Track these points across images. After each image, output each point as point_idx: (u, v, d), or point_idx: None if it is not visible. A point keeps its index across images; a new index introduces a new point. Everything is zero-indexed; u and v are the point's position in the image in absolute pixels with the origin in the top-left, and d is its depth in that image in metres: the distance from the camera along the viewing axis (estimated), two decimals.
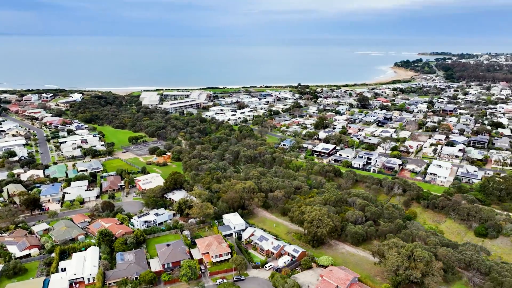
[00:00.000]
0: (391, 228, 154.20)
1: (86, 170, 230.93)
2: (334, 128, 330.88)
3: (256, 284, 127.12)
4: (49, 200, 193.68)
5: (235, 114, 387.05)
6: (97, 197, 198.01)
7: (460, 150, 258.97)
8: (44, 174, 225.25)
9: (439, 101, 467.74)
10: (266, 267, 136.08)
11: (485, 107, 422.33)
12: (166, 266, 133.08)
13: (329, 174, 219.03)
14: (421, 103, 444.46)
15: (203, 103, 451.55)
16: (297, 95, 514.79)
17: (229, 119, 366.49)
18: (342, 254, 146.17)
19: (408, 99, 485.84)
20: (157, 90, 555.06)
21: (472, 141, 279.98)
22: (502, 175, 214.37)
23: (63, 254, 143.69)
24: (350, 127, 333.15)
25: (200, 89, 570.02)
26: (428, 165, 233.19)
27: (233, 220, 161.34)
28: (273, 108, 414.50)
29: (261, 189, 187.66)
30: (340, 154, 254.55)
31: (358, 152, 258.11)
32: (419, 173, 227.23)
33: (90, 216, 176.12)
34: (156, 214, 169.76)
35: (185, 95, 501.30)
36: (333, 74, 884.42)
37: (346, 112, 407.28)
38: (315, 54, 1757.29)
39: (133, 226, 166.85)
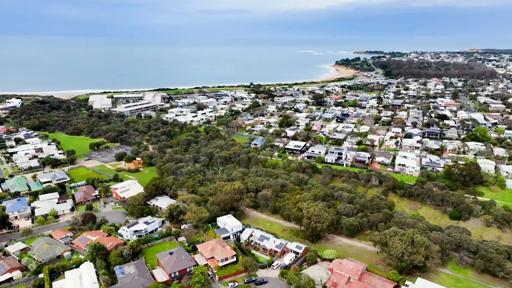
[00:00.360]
0: (380, 218, 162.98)
1: (51, 182, 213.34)
2: (298, 126, 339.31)
3: (268, 284, 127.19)
4: (16, 217, 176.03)
5: (196, 115, 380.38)
6: (72, 209, 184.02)
7: (418, 141, 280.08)
8: (1, 189, 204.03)
9: (385, 96, 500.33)
10: (273, 266, 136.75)
11: (427, 101, 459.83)
12: (173, 275, 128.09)
13: (307, 171, 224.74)
14: (371, 99, 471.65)
15: (159, 105, 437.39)
16: (253, 95, 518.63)
17: (191, 121, 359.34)
18: (341, 247, 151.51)
19: (358, 96, 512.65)
20: (104, 93, 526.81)
21: (426, 133, 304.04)
22: (459, 162, 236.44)
23: (53, 274, 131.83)
24: (313, 124, 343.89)
25: (151, 90, 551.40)
26: (394, 157, 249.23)
27: (229, 222, 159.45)
28: (234, 108, 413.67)
29: (248, 189, 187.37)
30: (312, 151, 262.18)
31: (329, 148, 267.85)
32: (388, 165, 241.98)
33: (70, 230, 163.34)
34: (146, 223, 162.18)
35: (138, 97, 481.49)
36: (281, 73, 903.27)
37: (304, 110, 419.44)
38: (257, 54, 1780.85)
39: (122, 237, 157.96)
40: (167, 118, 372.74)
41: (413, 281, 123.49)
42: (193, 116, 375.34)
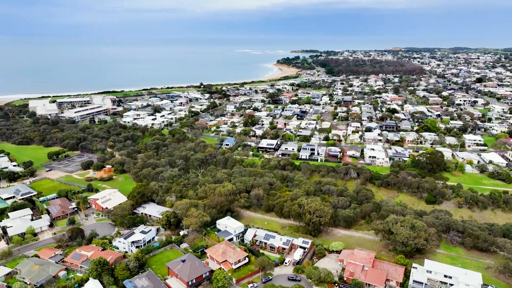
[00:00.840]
0: (372, 208, 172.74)
1: (14, 197, 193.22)
2: (262, 125, 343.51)
3: (288, 281, 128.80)
4: None
5: (155, 118, 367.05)
6: (51, 225, 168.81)
7: (379, 134, 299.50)
8: None
9: (335, 93, 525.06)
10: (285, 263, 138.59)
11: (373, 96, 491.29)
12: (190, 283, 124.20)
13: (288, 168, 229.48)
14: (323, 96, 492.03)
15: (111, 108, 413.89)
16: (207, 95, 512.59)
17: (152, 124, 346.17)
18: (341, 238, 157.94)
19: (309, 93, 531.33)
20: (43, 97, 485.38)
21: (383, 126, 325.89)
22: (420, 151, 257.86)
23: None
24: (277, 122, 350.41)
25: (96, 93, 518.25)
26: (362, 150, 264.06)
27: (230, 224, 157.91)
28: (193, 109, 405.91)
29: (239, 190, 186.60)
30: (285, 148, 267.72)
31: (301, 145, 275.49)
32: (358, 158, 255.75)
33: (57, 247, 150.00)
34: (143, 232, 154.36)
35: (85, 101, 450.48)
36: (227, 72, 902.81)
37: (263, 109, 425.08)
38: (196, 54, 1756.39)
39: (117, 249, 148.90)
40: (124, 122, 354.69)
41: (421, 263, 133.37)
42: (152, 119, 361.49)
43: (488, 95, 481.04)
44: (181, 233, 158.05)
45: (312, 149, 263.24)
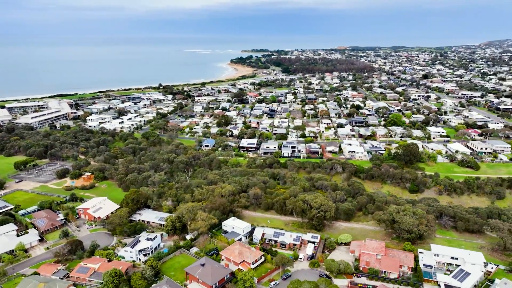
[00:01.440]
0: (367, 200, 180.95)
1: None
2: (236, 124, 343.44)
3: (308, 275, 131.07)
4: None
5: (123, 122, 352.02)
6: (41, 240, 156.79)
7: (351, 130, 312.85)
8: None
9: (297, 91, 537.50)
10: (300, 259, 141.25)
11: (334, 93, 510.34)
12: (214, 286, 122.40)
13: (275, 166, 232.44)
14: (286, 95, 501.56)
15: (71, 112, 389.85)
16: (170, 96, 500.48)
17: (121, 127, 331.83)
18: (344, 230, 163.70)
19: (271, 92, 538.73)
20: None
21: (353, 122, 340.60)
22: (392, 145, 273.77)
23: None
24: (250, 122, 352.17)
25: (47, 97, 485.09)
26: (340, 145, 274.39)
27: (237, 224, 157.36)
28: (161, 111, 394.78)
29: (237, 190, 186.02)
30: (267, 147, 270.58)
31: (281, 143, 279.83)
32: (337, 153, 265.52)
33: (56, 262, 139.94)
34: (149, 239, 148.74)
35: (39, 105, 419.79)
36: (183, 72, 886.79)
37: (231, 109, 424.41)
38: (145, 54, 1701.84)
39: (124, 259, 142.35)
40: (90, 126, 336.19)
41: (424, 248, 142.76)
42: (119, 123, 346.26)
43: (437, 90, 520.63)
44: (188, 237, 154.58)
45: (293, 147, 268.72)
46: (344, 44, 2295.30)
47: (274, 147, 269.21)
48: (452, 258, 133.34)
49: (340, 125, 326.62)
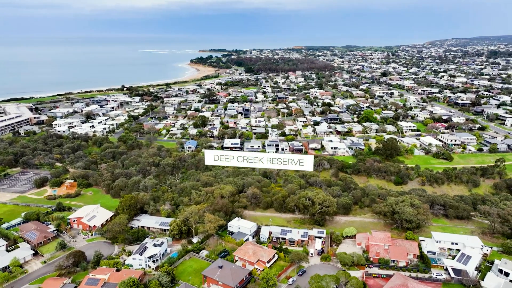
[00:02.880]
0: (361, 194, 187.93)
1: None
2: (214, 125, 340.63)
3: (322, 270, 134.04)
4: None
5: (93, 125, 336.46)
6: (35, 254, 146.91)
7: (328, 127, 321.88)
8: None
9: (266, 91, 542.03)
10: (311, 254, 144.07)
11: (303, 92, 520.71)
12: None
13: None
14: (256, 94, 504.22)
15: (34, 117, 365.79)
16: (137, 98, 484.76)
17: (94, 131, 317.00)
18: (345, 224, 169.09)
19: (240, 92, 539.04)
20: None
21: (328, 119, 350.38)
22: (370, 140, 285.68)
23: None
24: (227, 122, 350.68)
25: (0, 101, 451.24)
26: (321, 142, 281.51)
27: (243, 224, 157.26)
28: (132, 114, 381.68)
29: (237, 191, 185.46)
30: (251, 146, 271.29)
31: (264, 142, 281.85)
32: (320, 149, 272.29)
33: (59, 276, 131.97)
34: (156, 245, 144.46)
35: None
36: (143, 73, 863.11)
37: (203, 109, 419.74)
38: (98, 54, 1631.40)
39: (132, 267, 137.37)
40: (59, 131, 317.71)
41: (426, 236, 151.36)
42: (90, 127, 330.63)
43: (397, 87, 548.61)
44: (194, 240, 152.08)
45: (277, 145, 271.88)
46: (300, 43, 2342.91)
47: (258, 146, 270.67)
48: (452, 243, 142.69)
49: (317, 123, 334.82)
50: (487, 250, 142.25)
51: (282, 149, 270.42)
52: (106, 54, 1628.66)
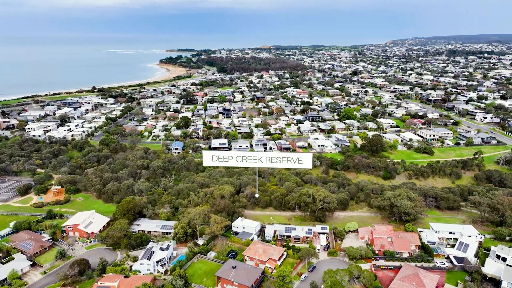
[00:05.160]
0: (356, 189, 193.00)
1: None
2: (196, 126, 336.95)
3: (331, 265, 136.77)
4: None
5: (70, 129, 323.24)
6: (33, 265, 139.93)
7: (311, 125, 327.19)
8: None
9: (242, 90, 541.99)
10: (318, 250, 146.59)
11: (279, 91, 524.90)
12: (251, 287, 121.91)
13: None
14: (234, 94, 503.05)
15: (3, 122, 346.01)
16: (111, 100, 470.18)
17: (72, 135, 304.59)
18: (344, 219, 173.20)
19: (217, 92, 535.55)
20: None
21: (310, 118, 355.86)
22: (354, 137, 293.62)
23: None
24: (210, 122, 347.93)
25: None
26: (308, 141, 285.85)
27: (248, 224, 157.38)
28: (110, 116, 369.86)
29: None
30: (239, 146, 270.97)
31: (251, 141, 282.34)
32: (307, 147, 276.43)
33: (63, 286, 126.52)
34: (162, 249, 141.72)
35: None
36: (113, 74, 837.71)
37: (182, 109, 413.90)
38: (60, 55, 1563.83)
39: (140, 272, 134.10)
40: (34, 136, 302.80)
41: (423, 226, 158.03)
42: (67, 130, 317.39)
43: (369, 85, 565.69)
44: (200, 242, 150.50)
45: (264, 144, 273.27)
46: (268, 43, 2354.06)
47: (246, 146, 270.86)
48: (450, 233, 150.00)
49: (300, 121, 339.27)
50: (481, 238, 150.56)
51: (270, 148, 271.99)
52: (69, 55, 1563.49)
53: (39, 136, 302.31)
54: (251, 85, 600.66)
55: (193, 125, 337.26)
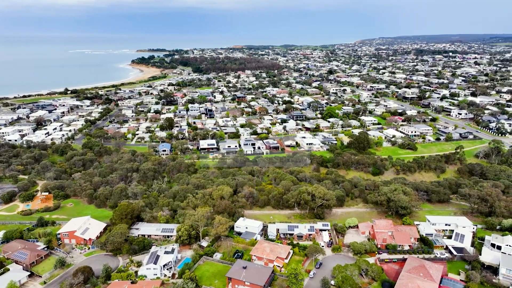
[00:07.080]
0: (350, 186, 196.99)
1: None
2: (181, 127, 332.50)
3: (337, 260, 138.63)
4: None
5: (48, 133, 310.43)
6: (30, 275, 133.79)
7: (296, 124, 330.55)
8: None
9: (221, 90, 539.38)
10: (322, 247, 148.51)
11: (259, 91, 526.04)
12: (264, 287, 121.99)
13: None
14: (214, 94, 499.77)
15: None
16: (87, 101, 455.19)
17: (52, 139, 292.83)
18: (342, 215, 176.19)
19: (196, 92, 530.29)
20: None
21: (294, 116, 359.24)
22: (339, 135, 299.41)
23: None
24: (194, 123, 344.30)
25: None
26: (295, 139, 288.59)
27: (250, 224, 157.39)
28: (90, 118, 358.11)
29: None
30: (228, 146, 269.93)
31: (240, 141, 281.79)
32: (295, 146, 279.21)
33: None
34: (167, 253, 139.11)
35: None
36: (82, 75, 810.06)
37: (164, 110, 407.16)
38: (23, 55, 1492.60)
39: (146, 277, 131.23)
40: (10, 140, 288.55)
41: (419, 219, 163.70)
42: (45, 134, 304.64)
43: (346, 84, 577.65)
44: (204, 244, 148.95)
45: (253, 144, 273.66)
46: (240, 43, 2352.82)
47: (236, 146, 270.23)
48: (446, 224, 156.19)
49: (284, 120, 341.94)
50: (473, 228, 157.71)
51: (259, 147, 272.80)
52: (33, 55, 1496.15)
53: (16, 140, 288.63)
54: (230, 85, 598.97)
55: (177, 126, 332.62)
